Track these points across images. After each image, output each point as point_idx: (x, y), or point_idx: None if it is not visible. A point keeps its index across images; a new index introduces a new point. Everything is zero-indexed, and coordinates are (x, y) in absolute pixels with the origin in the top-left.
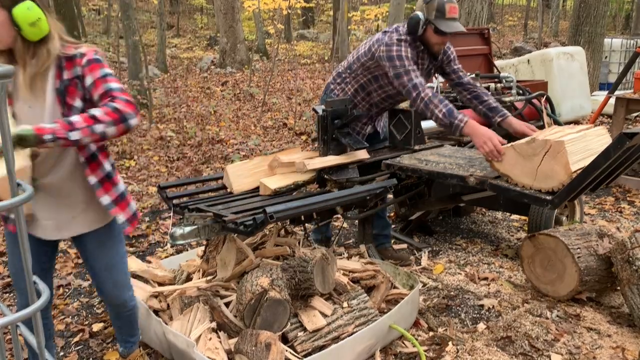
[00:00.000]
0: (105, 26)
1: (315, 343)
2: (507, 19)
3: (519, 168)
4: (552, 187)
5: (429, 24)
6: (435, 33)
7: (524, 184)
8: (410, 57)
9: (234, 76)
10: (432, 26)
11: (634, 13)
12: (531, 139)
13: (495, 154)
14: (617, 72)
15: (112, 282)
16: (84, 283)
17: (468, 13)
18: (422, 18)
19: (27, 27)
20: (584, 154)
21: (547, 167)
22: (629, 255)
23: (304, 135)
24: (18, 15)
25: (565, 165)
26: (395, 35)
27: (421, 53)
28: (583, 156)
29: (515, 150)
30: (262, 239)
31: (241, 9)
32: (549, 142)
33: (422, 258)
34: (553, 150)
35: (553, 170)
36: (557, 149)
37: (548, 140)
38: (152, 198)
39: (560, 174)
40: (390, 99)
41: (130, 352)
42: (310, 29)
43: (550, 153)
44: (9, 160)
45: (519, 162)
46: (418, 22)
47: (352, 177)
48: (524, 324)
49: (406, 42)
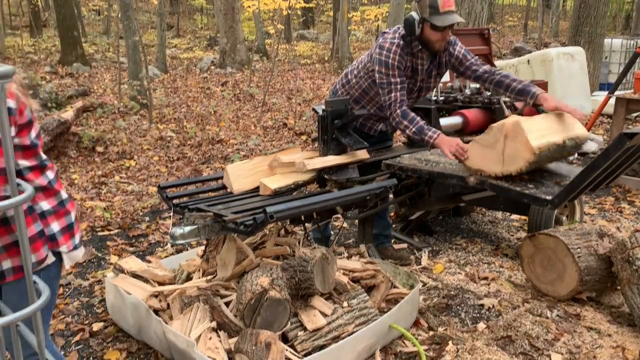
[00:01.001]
0: (105, 26)
1: (315, 342)
2: (507, 19)
3: (487, 158)
4: (520, 168)
5: (425, 21)
6: (432, 30)
7: (495, 172)
8: (397, 66)
9: (234, 76)
10: (428, 24)
11: (634, 13)
12: (489, 128)
13: (461, 152)
14: (617, 72)
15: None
16: (84, 283)
17: (468, 13)
18: (417, 17)
19: None
20: (545, 131)
21: (510, 149)
22: (629, 255)
23: (304, 135)
24: None
25: (526, 142)
26: (390, 38)
27: (420, 53)
28: (543, 133)
29: (479, 143)
30: (262, 239)
31: (241, 9)
32: (505, 124)
33: (422, 258)
34: (511, 132)
35: (516, 150)
36: (515, 130)
37: (504, 124)
38: (152, 198)
39: (523, 152)
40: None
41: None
42: (310, 29)
43: (509, 136)
44: (9, 160)
45: (486, 153)
46: (413, 23)
47: (352, 177)
48: (524, 323)
49: (398, 47)
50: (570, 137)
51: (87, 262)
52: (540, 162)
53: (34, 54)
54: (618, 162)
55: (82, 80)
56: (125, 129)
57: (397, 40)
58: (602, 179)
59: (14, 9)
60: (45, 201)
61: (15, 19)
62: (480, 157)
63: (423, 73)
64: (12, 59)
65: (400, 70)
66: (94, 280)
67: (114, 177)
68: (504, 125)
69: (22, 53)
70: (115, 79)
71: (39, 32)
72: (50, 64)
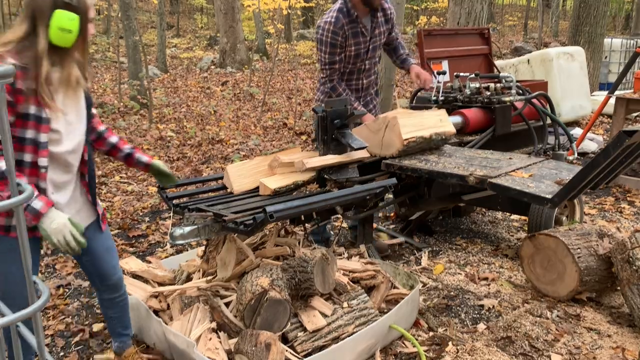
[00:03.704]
0: (105, 26)
1: (315, 343)
2: (507, 19)
3: (371, 141)
4: (392, 153)
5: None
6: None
7: (375, 153)
8: (331, 43)
9: (234, 76)
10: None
11: (634, 13)
12: (377, 117)
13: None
14: (617, 72)
15: (113, 263)
16: (84, 283)
17: (468, 13)
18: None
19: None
20: (416, 127)
21: (387, 138)
22: (629, 255)
23: (304, 135)
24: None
25: (399, 135)
26: (325, 18)
27: (359, 18)
28: (416, 128)
29: (368, 128)
30: (262, 239)
31: (241, 9)
32: (387, 117)
33: (422, 258)
34: (390, 124)
35: (392, 139)
36: (393, 123)
37: (387, 116)
38: (152, 198)
39: (396, 142)
40: (351, 78)
41: (126, 347)
42: (310, 29)
43: (389, 127)
44: (9, 159)
45: (370, 137)
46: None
47: (352, 176)
48: (524, 324)
49: (330, 25)
50: (437, 133)
51: None
52: (408, 151)
53: None
54: (618, 161)
55: None
56: (125, 128)
57: (329, 19)
58: (602, 177)
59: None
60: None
61: (15, 18)
62: (366, 139)
63: (368, 33)
64: None
65: (334, 47)
66: None
67: (114, 177)
68: (387, 118)
69: None
70: (115, 78)
71: None
72: None
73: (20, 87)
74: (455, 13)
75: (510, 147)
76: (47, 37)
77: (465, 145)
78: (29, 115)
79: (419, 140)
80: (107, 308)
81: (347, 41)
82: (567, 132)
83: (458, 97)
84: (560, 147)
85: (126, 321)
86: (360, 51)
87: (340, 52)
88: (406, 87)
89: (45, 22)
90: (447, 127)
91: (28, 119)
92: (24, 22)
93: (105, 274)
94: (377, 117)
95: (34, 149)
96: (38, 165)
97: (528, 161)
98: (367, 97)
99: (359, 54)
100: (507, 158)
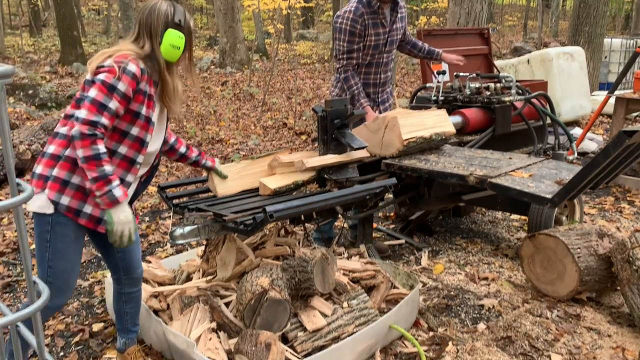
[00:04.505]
0: (105, 26)
1: (315, 343)
2: (507, 19)
3: (370, 141)
4: (392, 153)
5: None
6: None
7: (375, 153)
8: (349, 31)
9: (234, 76)
10: None
11: (634, 13)
12: (376, 117)
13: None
14: (616, 72)
15: (139, 256)
16: (84, 283)
17: (468, 13)
18: None
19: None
20: (417, 127)
21: (387, 138)
22: (629, 255)
23: (304, 135)
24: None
25: (399, 135)
26: (345, 8)
27: (380, 9)
28: (416, 129)
29: (367, 128)
30: (262, 239)
31: (241, 9)
32: (387, 118)
33: (422, 258)
34: (390, 124)
35: (391, 139)
36: (393, 123)
37: (386, 117)
38: (152, 198)
39: (396, 142)
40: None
41: (131, 344)
42: (310, 29)
43: (388, 127)
44: (9, 159)
45: (370, 137)
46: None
47: (352, 176)
48: (524, 324)
49: (350, 13)
50: (437, 133)
51: (87, 263)
52: (408, 151)
53: (33, 54)
54: (618, 161)
55: (82, 80)
56: None
57: (349, 7)
58: (602, 177)
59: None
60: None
61: (15, 18)
62: (366, 139)
63: (388, 25)
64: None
65: (353, 36)
66: (94, 281)
67: None
68: (386, 118)
69: (22, 52)
70: None
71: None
72: (50, 63)
73: (143, 88)
74: (455, 13)
75: (510, 147)
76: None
77: (465, 145)
78: (140, 114)
79: (419, 140)
80: (124, 303)
81: (367, 30)
82: (567, 132)
83: (458, 97)
84: (560, 147)
85: (137, 318)
86: (379, 42)
87: (358, 42)
88: (406, 87)
89: (158, 39)
90: (447, 127)
91: (138, 117)
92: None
93: (132, 267)
94: (377, 117)
95: (136, 146)
96: (133, 160)
97: (528, 161)
98: (384, 94)
99: (377, 44)
100: (507, 158)
